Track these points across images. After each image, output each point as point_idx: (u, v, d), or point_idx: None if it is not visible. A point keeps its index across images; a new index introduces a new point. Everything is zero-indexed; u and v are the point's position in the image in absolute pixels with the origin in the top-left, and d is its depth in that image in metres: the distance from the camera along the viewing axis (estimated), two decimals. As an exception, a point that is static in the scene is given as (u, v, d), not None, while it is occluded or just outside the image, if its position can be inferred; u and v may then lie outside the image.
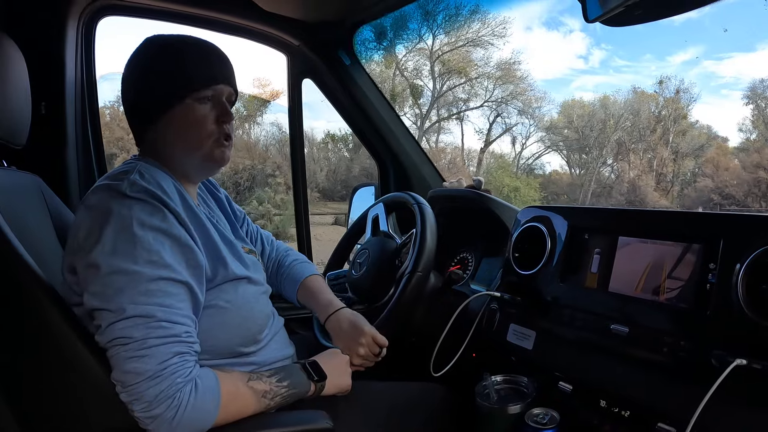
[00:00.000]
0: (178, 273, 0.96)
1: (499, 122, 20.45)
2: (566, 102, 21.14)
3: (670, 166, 19.52)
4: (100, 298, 0.92)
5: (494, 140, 20.57)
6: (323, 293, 1.45)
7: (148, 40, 1.13)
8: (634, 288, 1.18)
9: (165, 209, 0.99)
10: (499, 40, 19.41)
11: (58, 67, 1.65)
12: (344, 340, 1.33)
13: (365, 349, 1.31)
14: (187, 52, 1.11)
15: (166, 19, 1.86)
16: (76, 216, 1.02)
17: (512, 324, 1.42)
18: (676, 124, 19.67)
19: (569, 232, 1.37)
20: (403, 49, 19.53)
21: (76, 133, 1.71)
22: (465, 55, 19.99)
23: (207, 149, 1.11)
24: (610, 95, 20.52)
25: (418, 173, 2.29)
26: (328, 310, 1.39)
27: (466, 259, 1.83)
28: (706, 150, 19.35)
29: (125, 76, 1.13)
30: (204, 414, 0.95)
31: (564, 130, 20.67)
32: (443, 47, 19.76)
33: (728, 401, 0.93)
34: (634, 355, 1.12)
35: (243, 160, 15.82)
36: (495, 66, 19.80)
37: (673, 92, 19.64)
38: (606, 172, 20.54)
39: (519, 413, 1.16)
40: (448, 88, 20.14)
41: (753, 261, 0.99)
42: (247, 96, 18.14)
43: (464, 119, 20.71)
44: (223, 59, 1.15)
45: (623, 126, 19.84)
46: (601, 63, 24.07)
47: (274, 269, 1.53)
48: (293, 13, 1.95)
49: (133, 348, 0.90)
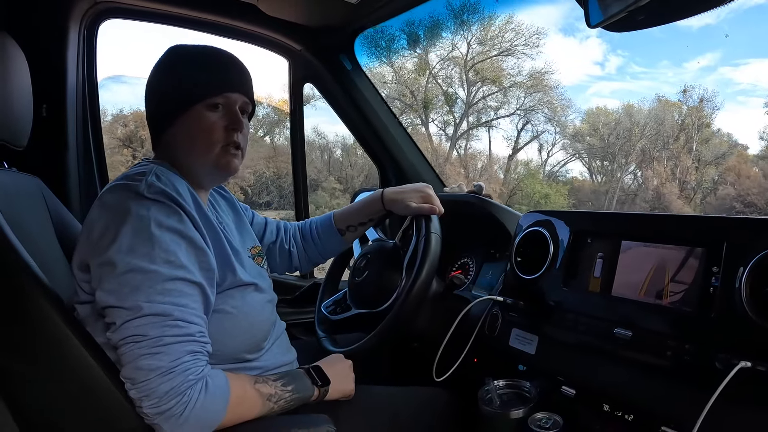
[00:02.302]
0: (192, 274, 0.98)
1: (527, 129, 20.81)
2: (590, 110, 21.51)
3: (693, 174, 19.70)
4: (116, 295, 0.92)
5: (522, 147, 20.89)
6: (357, 203, 1.56)
7: (171, 49, 1.17)
8: (638, 292, 1.18)
9: (181, 211, 1.00)
10: (532, 50, 19.78)
11: (60, 69, 1.66)
12: (412, 192, 1.48)
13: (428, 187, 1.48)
14: (202, 60, 1.14)
15: (168, 22, 1.87)
16: (89, 213, 1.02)
17: (515, 328, 1.41)
18: (699, 132, 19.88)
19: (572, 236, 1.37)
20: (436, 57, 19.87)
21: (77, 136, 1.72)
22: (498, 64, 20.33)
23: (214, 156, 1.12)
24: (635, 103, 20.90)
25: (419, 178, 2.28)
26: (376, 196, 1.52)
27: (467, 264, 1.83)
28: (727, 158, 19.53)
29: (148, 82, 1.16)
30: (212, 414, 0.96)
31: (587, 137, 20.94)
32: (477, 56, 20.12)
33: (733, 404, 0.93)
34: (638, 359, 1.12)
35: (287, 165, 15.86)
36: (527, 75, 20.16)
37: (697, 101, 19.87)
38: (628, 179, 20.79)
39: (522, 418, 1.15)
40: (482, 96, 20.47)
41: (756, 264, 0.99)
42: (278, 101, 18.29)
43: (493, 127, 21.09)
44: (238, 68, 1.17)
45: (648, 134, 20.07)
46: (618, 69, 24.23)
47: (298, 238, 1.57)
48: (296, 18, 1.96)
49: (147, 345, 0.91)
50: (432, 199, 1.45)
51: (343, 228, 1.54)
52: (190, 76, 1.11)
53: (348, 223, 1.54)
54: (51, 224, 1.30)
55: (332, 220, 1.55)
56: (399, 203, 1.47)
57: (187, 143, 1.12)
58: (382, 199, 1.50)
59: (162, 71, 1.15)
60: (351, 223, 1.54)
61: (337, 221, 1.54)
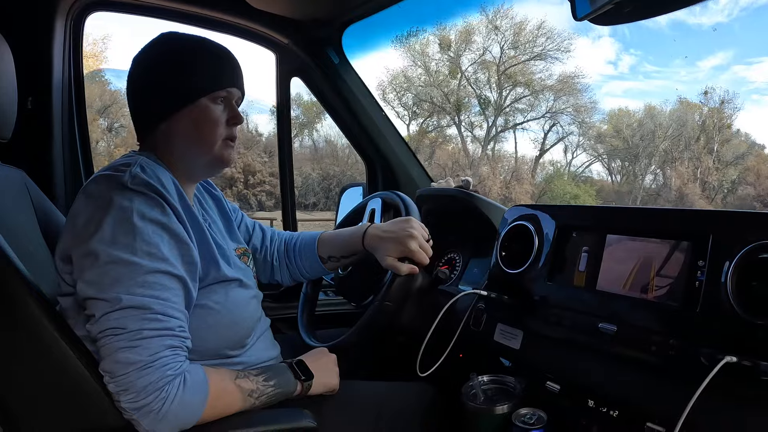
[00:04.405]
0: (174, 267, 0.97)
1: (553, 131, 21.16)
2: (612, 111, 21.79)
3: (714, 175, 19.89)
4: (96, 287, 0.92)
5: (549, 149, 21.20)
6: (343, 232, 1.46)
7: (164, 36, 1.15)
8: (623, 286, 1.17)
9: (165, 203, 1.00)
10: (563, 54, 20.05)
11: (46, 61, 1.64)
12: (393, 242, 1.33)
13: (418, 231, 1.34)
14: (207, 52, 1.14)
15: (154, 15, 1.85)
16: (74, 203, 1.01)
17: (499, 323, 1.41)
18: (719, 133, 20.08)
19: (557, 230, 1.37)
20: (466, 61, 20.07)
21: (63, 129, 1.70)
22: (529, 68, 20.67)
23: (217, 149, 1.13)
24: (656, 105, 21.32)
25: (406, 173, 2.28)
26: (359, 232, 1.41)
27: (454, 259, 1.83)
28: (746, 158, 19.68)
29: (137, 71, 1.13)
30: (190, 409, 0.95)
31: (608, 138, 21.20)
32: (509, 60, 20.43)
33: (718, 399, 0.92)
34: (623, 354, 1.12)
35: (332, 167, 15.88)
36: (557, 79, 20.48)
37: (718, 102, 20.07)
38: (648, 180, 21.02)
39: (506, 413, 1.15)
40: (514, 99, 20.82)
41: (742, 258, 0.98)
42: (307, 101, 18.34)
43: (520, 129, 21.46)
44: (235, 63, 1.18)
45: (670, 136, 20.33)
46: (631, 68, 24.25)
47: (282, 251, 1.52)
48: (283, 11, 1.94)
49: (126, 338, 0.90)
50: (415, 255, 1.32)
51: (324, 257, 1.48)
52: (197, 67, 1.11)
53: (330, 253, 1.47)
54: (35, 217, 1.29)
55: (316, 244, 1.49)
56: (378, 251, 1.36)
57: (190, 135, 1.11)
58: (362, 241, 1.40)
59: (160, 61, 1.12)
60: (333, 254, 1.47)
61: (320, 247, 1.48)
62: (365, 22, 1.99)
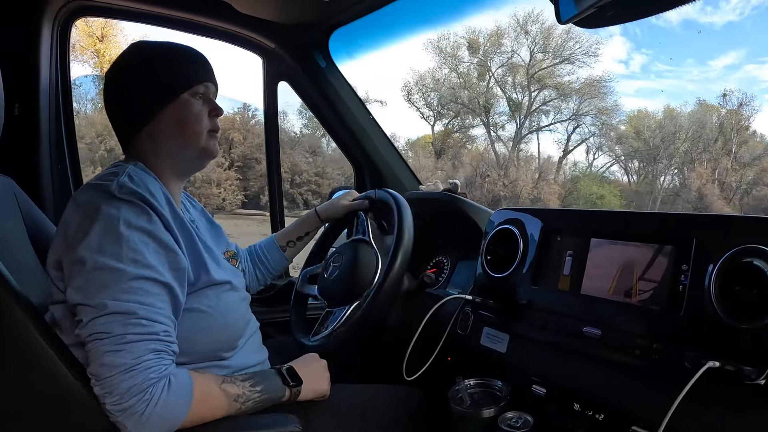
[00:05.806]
0: (160, 274, 0.99)
1: (576, 132, 21.36)
2: (631, 113, 21.90)
3: (732, 176, 19.99)
4: (83, 293, 0.94)
5: (572, 150, 21.40)
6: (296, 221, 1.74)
7: (137, 45, 1.19)
8: (607, 290, 1.18)
9: (152, 212, 1.02)
10: (591, 59, 20.25)
11: (33, 67, 1.63)
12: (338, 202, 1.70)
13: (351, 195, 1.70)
14: (179, 53, 1.18)
15: (140, 20, 1.85)
16: (65, 212, 1.03)
17: (486, 327, 1.41)
18: (737, 135, 20.20)
19: (541, 234, 1.37)
20: (496, 64, 20.24)
21: (50, 136, 1.69)
22: (557, 71, 20.85)
23: (203, 141, 1.17)
24: (676, 107, 21.49)
25: (394, 176, 2.28)
26: (311, 212, 1.73)
27: (441, 262, 1.83)
28: (762, 159, 19.78)
29: (115, 80, 1.16)
30: (174, 412, 0.96)
31: (630, 140, 21.38)
32: (537, 63, 20.61)
33: (701, 403, 0.93)
34: (607, 358, 1.12)
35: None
36: (583, 82, 20.66)
37: (736, 105, 20.16)
38: (666, 180, 21.15)
39: (492, 417, 1.15)
40: (543, 102, 21.01)
41: (725, 262, 0.98)
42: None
43: (544, 130, 21.69)
44: (207, 60, 1.22)
45: (690, 137, 20.48)
46: (642, 68, 24.18)
47: (249, 260, 1.65)
48: (269, 16, 1.94)
49: (111, 342, 0.92)
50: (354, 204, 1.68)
51: (284, 244, 1.68)
52: (172, 66, 1.15)
53: (288, 239, 1.70)
54: (23, 225, 1.28)
55: (274, 239, 1.69)
56: (332, 209, 1.70)
57: (176, 131, 1.14)
58: (316, 214, 1.71)
59: (137, 66, 1.15)
60: (290, 238, 1.70)
61: (278, 239, 1.69)
62: (354, 25, 1.98)
